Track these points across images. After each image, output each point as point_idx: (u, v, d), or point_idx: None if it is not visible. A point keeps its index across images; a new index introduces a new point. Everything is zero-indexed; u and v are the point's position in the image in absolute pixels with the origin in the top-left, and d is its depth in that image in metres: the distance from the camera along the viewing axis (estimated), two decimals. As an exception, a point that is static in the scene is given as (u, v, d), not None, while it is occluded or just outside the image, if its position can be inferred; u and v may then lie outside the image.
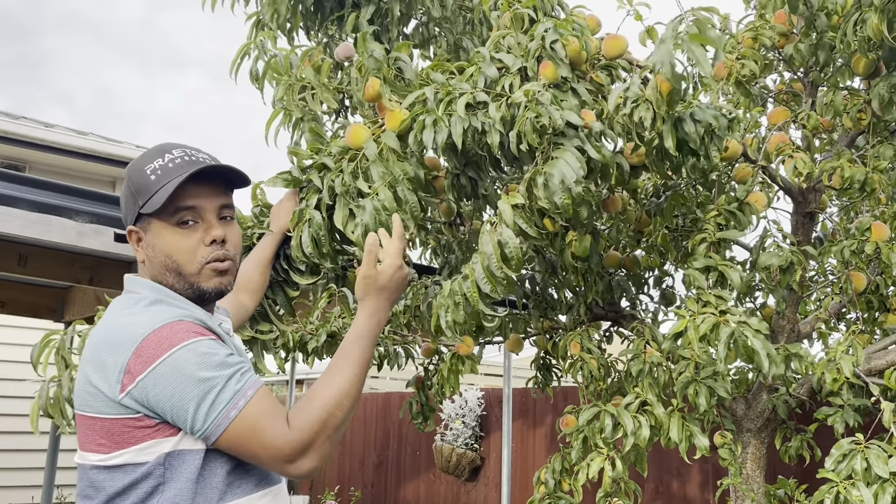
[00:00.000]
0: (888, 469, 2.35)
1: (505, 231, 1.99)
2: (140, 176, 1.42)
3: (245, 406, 1.27)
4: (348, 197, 2.00)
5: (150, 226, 1.43)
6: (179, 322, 1.31)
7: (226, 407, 1.26)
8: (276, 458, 1.29)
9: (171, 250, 1.41)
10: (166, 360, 1.25)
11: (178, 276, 1.42)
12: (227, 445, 1.29)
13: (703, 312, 2.28)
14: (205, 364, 1.27)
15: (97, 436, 1.30)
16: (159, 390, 1.25)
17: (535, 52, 2.18)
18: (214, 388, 1.26)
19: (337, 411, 1.34)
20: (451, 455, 6.81)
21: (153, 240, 1.43)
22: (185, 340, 1.28)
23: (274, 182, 2.08)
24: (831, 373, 2.59)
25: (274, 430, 1.28)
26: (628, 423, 2.60)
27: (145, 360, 1.26)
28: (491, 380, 11.12)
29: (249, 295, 1.91)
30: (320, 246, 1.98)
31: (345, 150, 2.11)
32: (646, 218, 3.04)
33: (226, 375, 1.28)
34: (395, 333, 3.64)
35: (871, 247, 2.76)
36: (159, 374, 1.25)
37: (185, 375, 1.25)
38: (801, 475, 3.79)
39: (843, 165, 2.76)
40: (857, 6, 2.65)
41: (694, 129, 2.18)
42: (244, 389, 1.29)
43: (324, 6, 2.91)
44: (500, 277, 1.97)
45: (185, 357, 1.26)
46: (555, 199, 1.95)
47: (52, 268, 4.03)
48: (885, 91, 2.81)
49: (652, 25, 2.35)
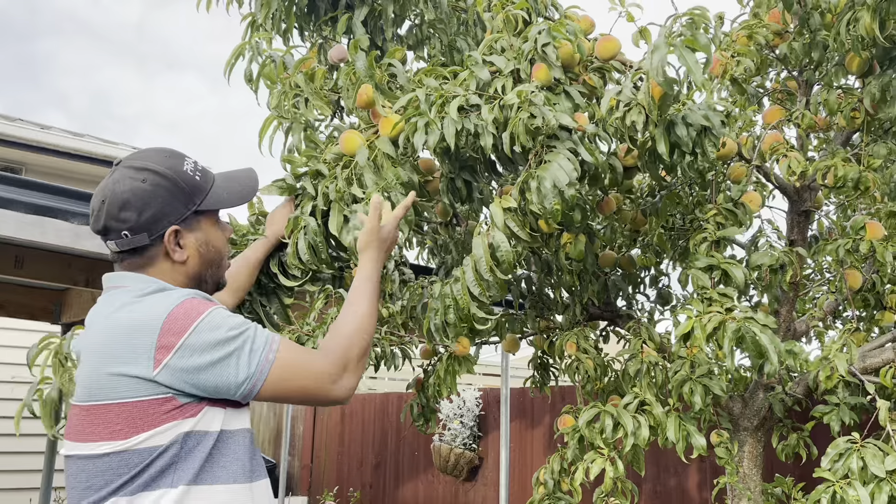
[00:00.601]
0: (884, 468, 2.35)
1: (497, 234, 1.99)
2: (186, 177, 1.50)
3: (279, 349, 1.39)
4: (343, 203, 2.00)
5: (199, 224, 1.52)
6: (193, 298, 1.38)
7: (264, 352, 1.37)
8: (323, 382, 1.43)
9: (221, 245, 1.57)
10: (198, 326, 1.32)
11: (217, 269, 1.57)
12: (273, 387, 1.38)
13: (709, 311, 2.28)
14: (230, 325, 1.36)
15: (112, 423, 1.31)
16: (196, 358, 1.31)
17: (528, 54, 2.19)
18: (247, 340, 1.36)
19: (363, 334, 1.54)
20: (450, 455, 6.80)
21: (205, 237, 1.53)
22: (208, 308, 1.36)
23: (269, 190, 2.09)
24: (825, 371, 2.59)
25: (313, 360, 1.44)
26: (628, 423, 2.60)
27: (177, 331, 1.31)
28: (489, 380, 11.12)
29: (231, 294, 1.93)
30: (317, 252, 1.99)
31: (339, 157, 2.11)
32: (641, 217, 3.04)
33: (252, 329, 1.39)
34: (392, 334, 3.64)
35: (866, 245, 2.76)
36: (194, 340, 1.32)
37: (217, 338, 1.33)
38: (799, 473, 3.79)
39: (837, 164, 2.77)
40: (850, 5, 2.65)
41: (686, 133, 2.18)
42: (271, 337, 1.40)
43: (317, 7, 2.91)
44: (491, 281, 1.98)
45: (213, 322, 1.34)
46: (545, 203, 1.95)
47: (48, 269, 4.02)
48: (877, 90, 2.82)
49: (645, 26, 2.35)
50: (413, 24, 3.11)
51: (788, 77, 3.38)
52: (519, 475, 6.41)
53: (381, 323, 3.61)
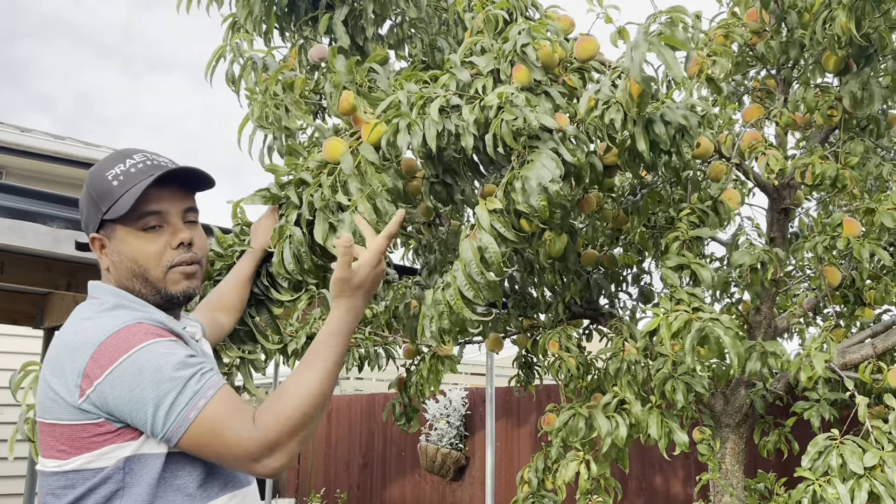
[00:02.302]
0: (863, 465, 2.37)
1: (484, 236, 1.99)
2: (101, 182, 1.41)
3: (205, 406, 1.24)
4: (328, 211, 1.98)
5: (114, 232, 1.41)
6: (138, 325, 1.29)
7: (185, 408, 1.23)
8: (240, 458, 1.26)
9: (138, 256, 1.40)
10: (123, 363, 1.23)
11: (144, 282, 1.41)
12: (189, 447, 1.26)
13: (677, 310, 2.30)
14: (163, 365, 1.24)
15: (57, 442, 1.28)
16: (117, 394, 1.23)
17: (508, 55, 2.19)
18: (173, 389, 1.23)
19: (307, 408, 1.30)
20: (436, 455, 6.81)
21: (118, 246, 1.41)
22: (143, 342, 1.26)
23: (252, 200, 2.05)
24: (806, 370, 2.61)
25: (237, 429, 1.25)
26: (603, 424, 2.61)
27: (102, 363, 1.24)
28: (475, 379, 11.13)
29: (226, 314, 1.87)
30: (301, 262, 1.96)
31: (322, 164, 2.09)
32: (623, 216, 3.06)
33: (185, 376, 1.25)
34: (376, 334, 3.64)
35: (843, 242, 2.78)
36: (116, 377, 1.23)
37: (143, 378, 1.23)
38: (781, 469, 3.82)
39: (815, 162, 2.79)
40: (827, 4, 2.68)
41: (664, 131, 2.19)
42: (204, 390, 1.26)
43: (298, 7, 2.90)
44: (482, 283, 1.97)
45: (143, 359, 1.24)
46: (531, 201, 1.95)
47: (29, 274, 3.98)
48: (856, 88, 2.84)
49: (623, 26, 2.36)
50: (394, 23, 3.11)
51: (767, 75, 3.40)
52: (505, 474, 6.42)
53: (365, 323, 3.61)
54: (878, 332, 3.16)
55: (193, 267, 1.46)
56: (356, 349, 3.57)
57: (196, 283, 1.47)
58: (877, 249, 2.74)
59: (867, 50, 2.85)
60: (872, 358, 2.89)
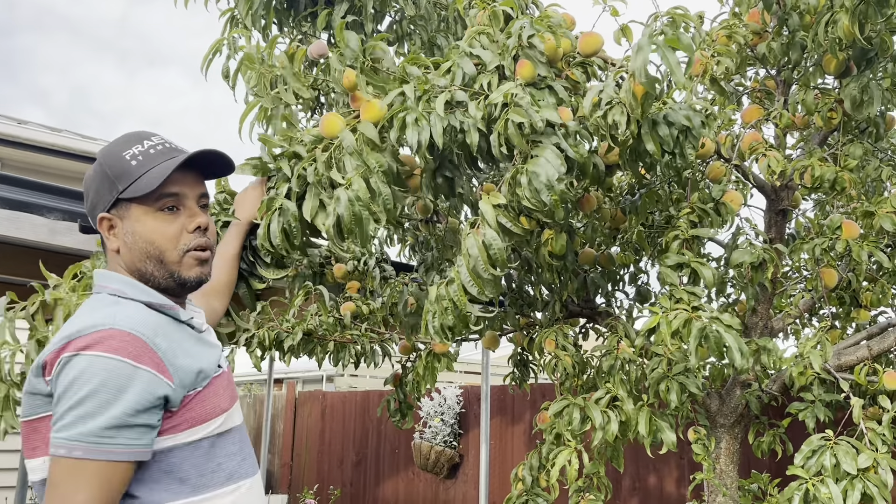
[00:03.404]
0: (856, 465, 2.38)
1: (488, 232, 1.97)
2: (118, 161, 1.39)
3: (84, 462, 1.17)
4: (320, 187, 1.93)
5: (128, 212, 1.39)
6: (110, 330, 1.24)
7: (78, 440, 1.17)
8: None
9: (154, 237, 1.38)
10: (77, 357, 1.20)
11: (158, 264, 1.39)
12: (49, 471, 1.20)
13: (676, 309, 2.30)
14: (83, 386, 1.18)
15: (38, 439, 1.26)
16: (56, 386, 1.20)
17: (513, 49, 2.18)
18: (94, 414, 1.17)
19: None
20: (430, 453, 6.81)
21: (133, 226, 1.39)
22: (109, 352, 1.21)
23: (242, 169, 1.98)
24: (799, 368, 2.62)
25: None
26: (597, 416, 2.61)
27: (72, 348, 1.21)
28: (470, 377, 11.14)
29: (219, 298, 1.84)
30: (291, 237, 1.91)
31: (318, 140, 2.05)
32: (620, 215, 3.06)
33: (114, 416, 1.18)
34: (372, 331, 3.64)
35: (842, 245, 2.79)
36: (66, 365, 1.20)
37: (68, 392, 1.18)
38: (775, 469, 3.83)
39: (814, 164, 2.79)
40: (829, 7, 2.68)
41: (668, 132, 2.19)
42: (108, 447, 1.18)
43: (297, 2, 2.89)
44: (487, 278, 1.96)
45: (98, 367, 1.19)
46: (542, 197, 1.94)
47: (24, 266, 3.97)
48: (856, 91, 2.84)
49: (626, 24, 2.36)
50: (393, 20, 3.10)
51: (767, 76, 3.41)
52: (499, 472, 6.42)
53: (361, 320, 3.60)
54: (873, 333, 3.17)
55: (207, 253, 1.45)
56: (352, 346, 3.57)
57: (208, 270, 1.46)
58: (875, 252, 2.75)
59: (868, 53, 2.86)
60: (868, 360, 2.90)
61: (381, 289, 3.57)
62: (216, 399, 1.38)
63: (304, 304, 3.59)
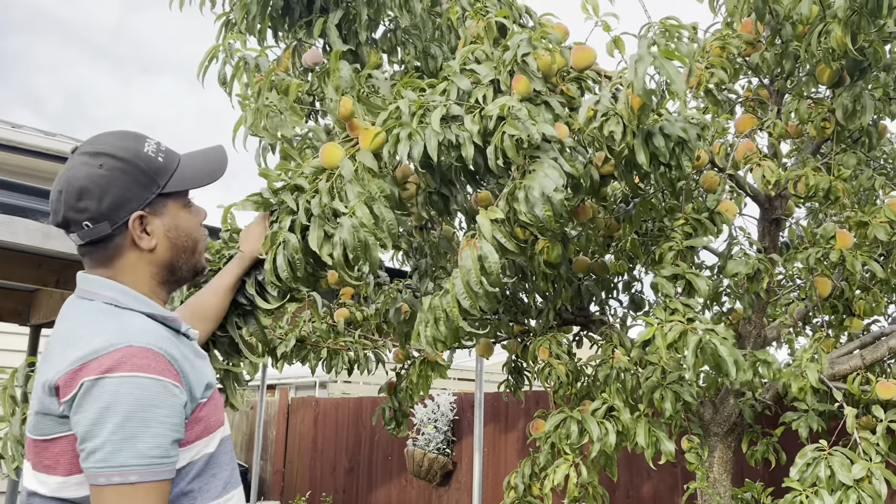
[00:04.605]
0: (851, 476, 2.38)
1: (485, 245, 1.97)
2: (147, 158, 1.38)
3: (138, 484, 1.17)
4: (324, 218, 1.94)
5: (166, 208, 1.41)
6: (128, 348, 1.22)
7: (128, 467, 1.16)
8: None
9: (192, 229, 1.46)
10: (104, 381, 1.18)
11: (191, 256, 1.46)
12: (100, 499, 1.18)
13: (671, 320, 2.30)
14: (139, 408, 1.18)
15: (50, 458, 1.24)
16: (84, 408, 1.17)
17: (509, 64, 2.18)
18: (133, 438, 1.16)
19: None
20: (423, 460, 6.79)
21: (173, 221, 1.42)
22: (135, 371, 1.20)
23: (244, 206, 2.01)
24: (797, 381, 2.62)
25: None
26: (594, 429, 2.61)
27: (89, 374, 1.18)
28: (464, 384, 11.12)
29: (203, 323, 1.82)
30: (296, 269, 1.91)
31: (319, 170, 2.05)
32: (615, 224, 3.06)
33: (153, 435, 1.19)
34: (366, 338, 3.63)
35: (836, 254, 2.79)
36: (80, 400, 1.18)
37: (114, 407, 1.16)
38: (768, 478, 3.83)
39: (808, 174, 2.80)
40: (822, 17, 2.69)
41: (664, 144, 2.19)
42: (155, 467, 1.19)
43: (292, 10, 2.89)
44: (481, 293, 1.96)
45: (126, 387, 1.18)
46: (536, 211, 1.94)
47: (18, 270, 3.95)
48: (848, 101, 2.85)
49: (619, 36, 2.37)
50: (387, 28, 3.10)
51: (760, 86, 3.42)
52: (492, 479, 6.41)
53: (354, 327, 3.59)
54: (866, 343, 3.18)
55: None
56: (346, 352, 3.56)
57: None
58: (869, 262, 2.76)
59: (861, 63, 2.87)
60: (861, 369, 2.90)
61: (375, 295, 3.57)
62: (217, 412, 1.39)
63: (297, 310, 3.57)
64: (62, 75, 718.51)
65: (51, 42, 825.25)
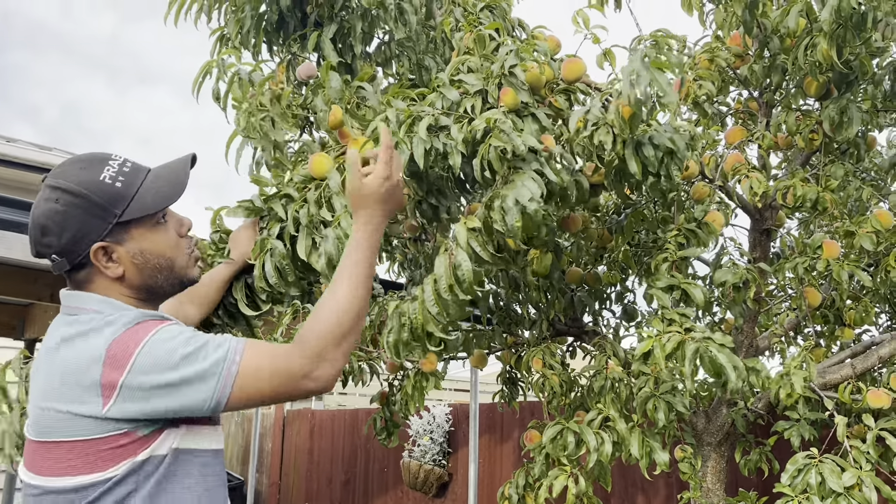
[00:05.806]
0: (842, 483, 2.40)
1: (460, 254, 1.98)
2: (101, 187, 1.35)
3: (242, 358, 1.29)
4: (312, 227, 1.96)
5: (127, 234, 1.38)
6: (139, 323, 1.29)
7: (225, 364, 1.27)
8: (294, 379, 1.32)
9: (163, 249, 1.43)
10: (140, 355, 1.24)
11: (169, 273, 1.44)
12: (242, 397, 1.29)
13: (669, 331, 2.31)
14: (182, 342, 1.27)
15: (66, 458, 1.25)
16: (146, 386, 1.23)
17: (497, 76, 2.21)
18: (205, 357, 1.27)
19: (343, 318, 1.38)
20: (419, 471, 6.78)
21: (140, 246, 1.39)
22: (151, 331, 1.27)
23: (234, 212, 2.03)
24: (785, 388, 2.64)
25: (279, 358, 1.31)
26: (591, 439, 2.62)
27: (118, 366, 1.23)
28: (459, 395, 11.11)
29: (196, 306, 1.86)
30: (284, 276, 1.94)
31: (308, 179, 2.08)
32: (607, 235, 3.09)
33: (209, 343, 1.29)
34: (360, 349, 3.64)
35: (823, 264, 2.82)
36: (139, 371, 1.23)
37: (168, 361, 1.24)
38: (762, 488, 3.84)
39: (796, 185, 2.83)
40: (808, 31, 2.73)
41: (653, 153, 2.22)
42: (232, 347, 1.30)
43: (287, 23, 2.92)
44: (450, 300, 1.96)
45: (158, 342, 1.26)
46: (507, 220, 1.95)
47: (12, 284, 3.96)
48: (835, 113, 2.89)
49: (609, 48, 2.40)
50: (381, 41, 3.13)
51: (750, 98, 3.46)
52: (488, 491, 6.40)
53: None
54: (857, 352, 3.20)
55: (196, 251, 1.52)
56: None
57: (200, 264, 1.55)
58: (856, 271, 2.78)
59: (848, 76, 2.91)
60: (852, 378, 2.93)
61: (370, 307, 3.58)
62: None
63: (293, 322, 3.58)
64: (58, 87, 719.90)
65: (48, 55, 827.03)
